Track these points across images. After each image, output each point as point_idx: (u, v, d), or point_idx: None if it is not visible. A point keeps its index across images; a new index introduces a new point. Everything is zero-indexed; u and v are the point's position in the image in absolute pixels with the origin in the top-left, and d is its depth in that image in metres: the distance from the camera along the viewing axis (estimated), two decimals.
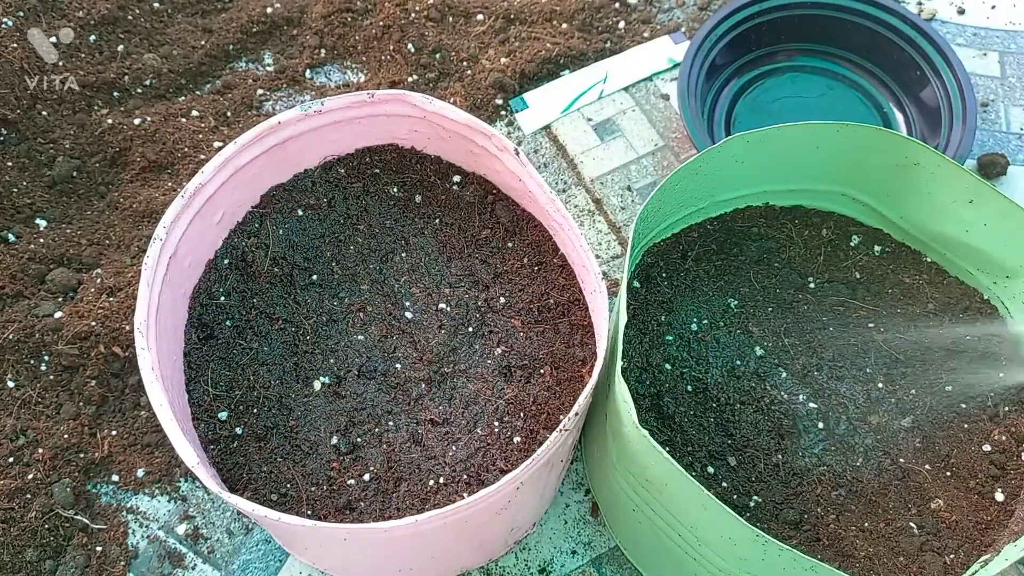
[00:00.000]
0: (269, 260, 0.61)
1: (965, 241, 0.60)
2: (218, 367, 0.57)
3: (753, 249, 0.66)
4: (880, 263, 0.65)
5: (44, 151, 0.76)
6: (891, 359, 0.62)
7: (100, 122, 0.77)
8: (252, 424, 0.56)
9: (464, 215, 0.64)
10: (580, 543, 0.64)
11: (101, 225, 0.74)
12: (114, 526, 0.63)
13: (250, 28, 0.85)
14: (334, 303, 0.61)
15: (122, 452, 0.65)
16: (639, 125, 0.83)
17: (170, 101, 0.81)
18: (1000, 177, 0.79)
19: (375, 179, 0.64)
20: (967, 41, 0.89)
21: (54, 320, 0.67)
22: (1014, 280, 0.59)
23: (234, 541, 0.63)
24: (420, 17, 0.85)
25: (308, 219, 0.63)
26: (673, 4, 0.91)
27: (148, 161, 0.76)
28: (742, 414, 0.60)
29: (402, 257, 0.63)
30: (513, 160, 0.58)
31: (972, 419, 0.60)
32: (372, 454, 0.56)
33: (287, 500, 0.54)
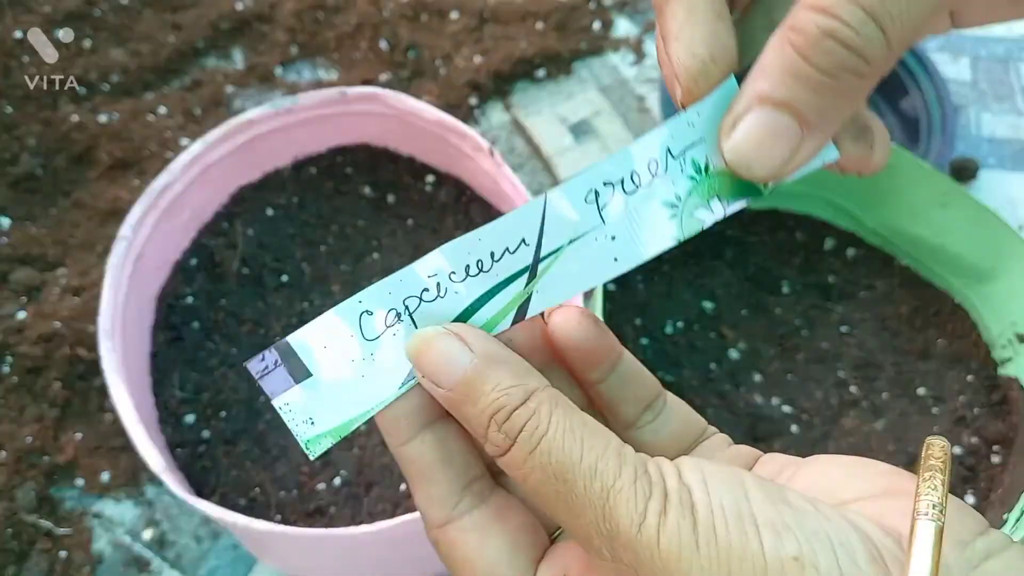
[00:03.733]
0: (238, 261, 0.60)
1: (938, 245, 0.61)
2: (185, 370, 0.56)
3: (728, 251, 0.66)
4: (853, 266, 0.66)
5: (8, 148, 0.74)
6: (864, 362, 0.62)
7: (66, 119, 0.76)
8: (220, 428, 0.55)
9: (438, 216, 0.63)
10: None
11: (66, 224, 0.72)
12: (79, 531, 0.62)
13: (220, 24, 0.84)
14: (304, 305, 0.60)
15: (87, 456, 0.64)
16: (614, 126, 0.83)
17: (137, 98, 0.79)
18: (971, 181, 0.80)
19: (347, 179, 0.64)
20: (939, 46, 0.90)
21: (17, 321, 0.66)
22: (986, 283, 0.60)
23: (201, 547, 0.62)
24: (394, 15, 0.84)
25: (278, 219, 0.62)
26: (649, 4, 0.91)
27: (114, 159, 0.74)
28: (717, 417, 0.60)
29: (374, 258, 0.62)
30: (488, 160, 0.58)
31: (943, 422, 0.60)
32: (343, 458, 0.55)
33: (256, 505, 0.53)
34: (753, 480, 0.21)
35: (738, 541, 0.20)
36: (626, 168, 0.24)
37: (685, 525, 0.20)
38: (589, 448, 0.21)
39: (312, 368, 0.24)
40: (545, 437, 0.21)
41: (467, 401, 0.22)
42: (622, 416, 0.27)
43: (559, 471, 0.21)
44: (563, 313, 0.25)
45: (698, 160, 0.24)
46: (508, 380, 0.22)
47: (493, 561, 0.23)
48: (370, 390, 0.24)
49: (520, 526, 0.24)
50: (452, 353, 0.22)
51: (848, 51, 0.20)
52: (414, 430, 0.24)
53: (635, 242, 0.24)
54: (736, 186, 0.24)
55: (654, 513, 0.20)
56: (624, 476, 0.21)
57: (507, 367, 0.22)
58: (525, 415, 0.21)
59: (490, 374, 0.22)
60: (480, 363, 0.22)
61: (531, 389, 0.22)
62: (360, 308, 0.24)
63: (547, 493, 0.21)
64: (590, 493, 0.21)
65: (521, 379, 0.22)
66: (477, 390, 0.22)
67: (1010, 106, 0.86)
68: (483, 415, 0.22)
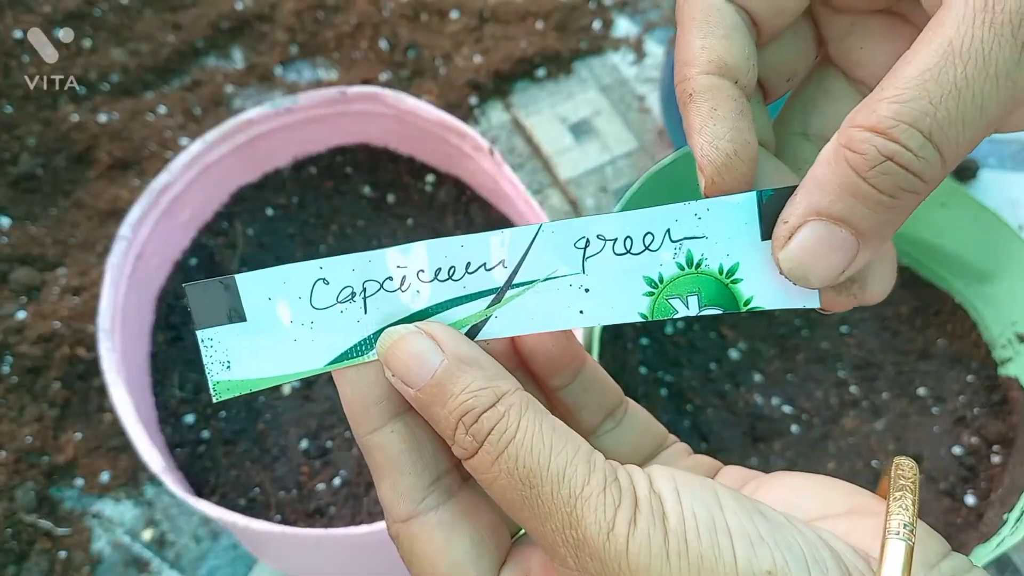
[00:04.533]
0: (238, 260, 0.60)
1: (938, 244, 0.61)
2: (185, 369, 0.56)
3: None
4: None
5: (8, 148, 0.74)
6: (864, 362, 0.62)
7: (65, 119, 0.76)
8: (220, 428, 0.55)
9: (437, 216, 0.63)
10: None
11: (66, 224, 0.72)
12: (78, 531, 0.62)
13: (220, 24, 0.84)
14: None
15: (86, 456, 0.64)
16: (614, 126, 0.83)
17: (137, 98, 0.79)
18: (971, 181, 0.80)
19: (347, 179, 0.64)
20: None
21: (17, 321, 0.66)
22: (985, 284, 0.60)
23: (201, 547, 0.62)
24: (394, 15, 0.84)
25: (278, 219, 0.62)
26: (649, 4, 0.90)
27: (114, 159, 0.74)
28: (717, 417, 0.60)
29: None
30: (488, 160, 0.58)
31: (943, 422, 0.60)
32: (343, 458, 0.55)
33: (255, 505, 0.53)
34: (727, 491, 0.21)
35: (710, 552, 0.20)
36: (623, 231, 0.24)
37: (656, 534, 0.20)
38: (558, 453, 0.21)
39: (248, 314, 0.24)
40: (513, 441, 0.21)
41: (436, 402, 0.22)
42: (583, 423, 0.27)
43: (526, 476, 0.21)
44: None
45: (693, 254, 0.24)
46: (478, 383, 0.22)
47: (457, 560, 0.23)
48: (297, 356, 0.24)
49: (487, 525, 0.24)
50: (423, 353, 0.22)
51: (907, 174, 0.20)
52: (384, 418, 0.23)
53: (605, 302, 0.24)
54: (718, 294, 0.25)
55: (623, 522, 0.20)
56: (593, 483, 0.20)
57: (478, 369, 0.22)
58: (494, 418, 0.21)
59: (460, 376, 0.22)
60: (451, 364, 0.22)
61: (501, 392, 0.22)
62: (318, 274, 0.24)
63: (513, 498, 0.21)
64: (557, 499, 0.20)
65: (492, 381, 0.22)
66: (446, 391, 0.21)
67: None
68: (451, 417, 0.21)
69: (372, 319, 0.24)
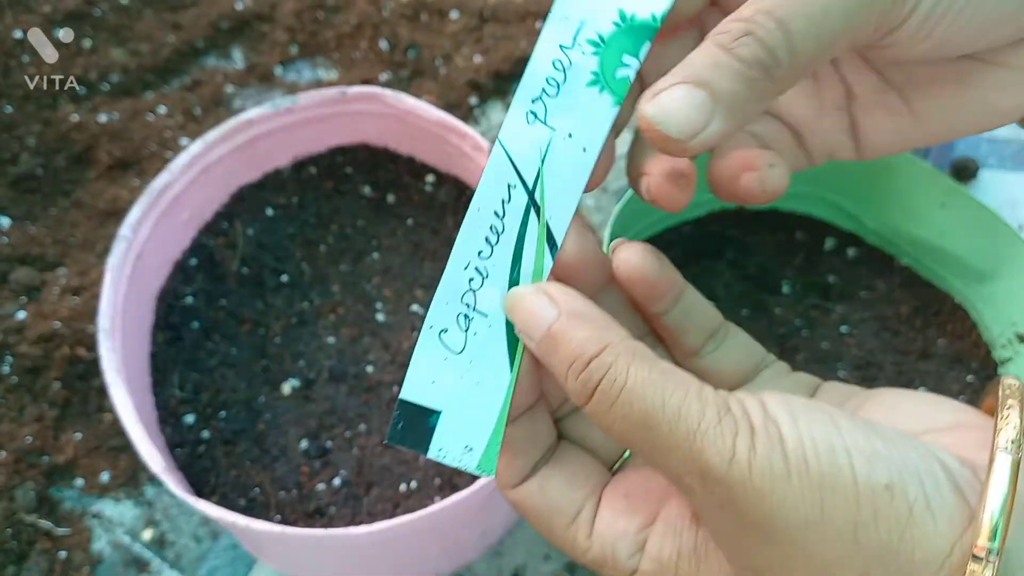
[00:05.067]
0: (238, 260, 0.60)
1: (938, 245, 0.61)
2: (185, 369, 0.56)
3: (728, 252, 0.66)
4: (854, 266, 0.66)
5: (7, 148, 0.74)
6: (864, 362, 0.62)
7: (65, 119, 0.76)
8: (219, 428, 0.55)
9: (438, 216, 0.63)
10: (553, 548, 0.64)
11: (66, 223, 0.72)
12: (78, 531, 0.62)
13: (219, 24, 0.84)
14: (304, 305, 0.60)
15: (86, 456, 0.64)
16: None
17: (137, 98, 0.79)
18: (971, 181, 0.80)
19: (347, 178, 0.64)
20: None
21: (17, 320, 0.66)
22: (986, 284, 0.60)
23: (201, 547, 0.62)
24: (394, 15, 0.84)
25: (278, 219, 0.62)
26: None
27: (114, 159, 0.74)
28: None
29: (374, 258, 0.62)
30: (487, 160, 0.58)
31: None
32: (343, 458, 0.55)
33: (255, 505, 0.53)
34: (839, 412, 0.22)
35: (830, 470, 0.21)
36: (539, 80, 0.26)
37: (776, 457, 0.21)
38: (670, 394, 0.22)
39: (435, 406, 0.26)
40: (624, 388, 0.22)
41: (550, 352, 0.24)
42: (685, 346, 0.29)
43: (642, 419, 0.22)
44: (627, 249, 0.27)
45: (591, 37, 0.26)
46: (586, 333, 0.23)
47: (553, 502, 0.26)
48: (491, 388, 0.26)
49: (579, 466, 0.27)
50: (540, 309, 0.24)
51: (762, 47, 0.23)
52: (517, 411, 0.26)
53: (588, 126, 0.26)
54: (633, 37, 0.26)
55: (743, 448, 0.21)
56: (708, 416, 0.22)
57: (587, 322, 0.24)
58: (602, 367, 0.23)
59: (571, 329, 0.24)
60: (563, 318, 0.24)
61: (607, 341, 0.23)
62: (435, 332, 0.27)
63: (633, 440, 0.23)
64: (676, 436, 0.22)
65: (599, 332, 0.23)
66: (558, 342, 0.24)
67: None
68: (563, 365, 0.24)
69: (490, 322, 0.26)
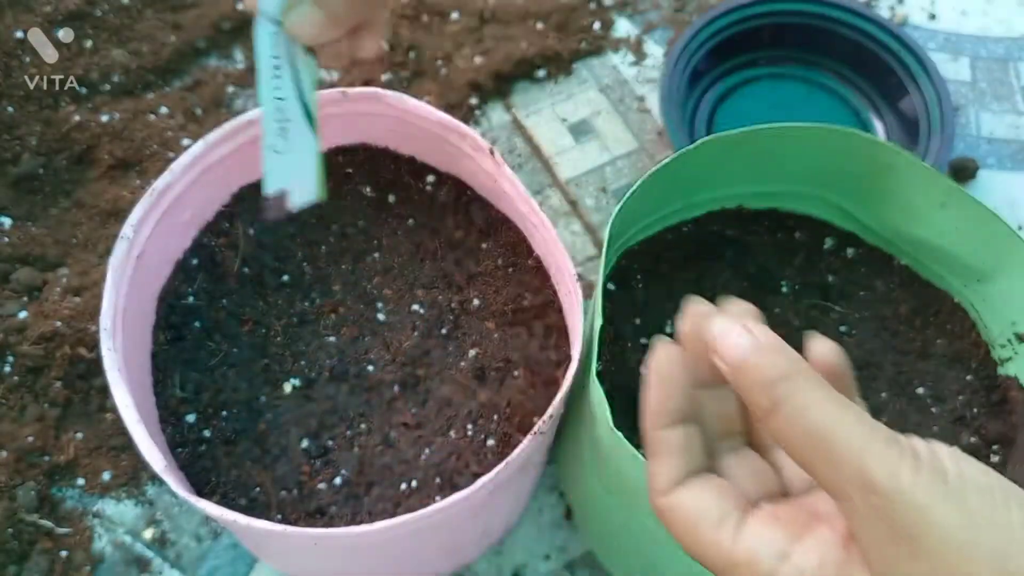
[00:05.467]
0: (239, 260, 0.60)
1: (937, 244, 0.61)
2: (186, 369, 0.56)
3: (727, 252, 0.66)
4: (853, 266, 0.66)
5: (9, 148, 0.74)
6: (863, 362, 0.62)
7: (67, 119, 0.76)
8: (220, 427, 0.55)
9: (438, 216, 0.63)
10: (554, 547, 0.64)
11: (67, 224, 0.72)
12: (79, 531, 0.62)
13: (221, 24, 0.84)
14: (305, 304, 0.60)
15: (88, 455, 0.64)
16: (614, 126, 0.83)
17: (138, 98, 0.79)
18: (971, 181, 0.80)
19: (348, 179, 0.64)
20: (938, 46, 0.90)
21: (18, 320, 0.66)
22: (985, 283, 0.60)
23: (202, 546, 0.62)
24: (394, 15, 0.84)
25: (279, 219, 0.62)
26: (649, 5, 0.91)
27: (115, 159, 0.74)
28: None
29: (375, 258, 0.62)
30: (488, 160, 0.58)
31: (942, 421, 0.60)
32: (343, 458, 0.55)
33: (256, 505, 0.53)
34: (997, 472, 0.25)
35: (987, 501, 0.23)
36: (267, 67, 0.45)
37: (937, 480, 0.24)
38: (844, 416, 0.26)
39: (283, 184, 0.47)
40: (804, 406, 0.26)
41: (744, 373, 0.28)
42: None
43: (817, 433, 0.26)
44: (824, 343, 0.32)
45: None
46: (777, 360, 0.27)
47: (703, 508, 0.29)
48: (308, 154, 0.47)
49: (727, 487, 0.30)
50: (737, 337, 0.28)
51: None
52: (674, 420, 0.30)
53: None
54: None
55: (908, 469, 0.24)
56: (879, 439, 0.25)
57: (778, 352, 0.28)
58: (789, 388, 0.27)
59: (764, 356, 0.28)
60: (758, 347, 0.28)
61: (793, 368, 0.27)
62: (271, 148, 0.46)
63: (805, 450, 0.26)
64: (846, 451, 0.25)
65: (787, 360, 0.28)
66: (752, 366, 0.28)
67: (1010, 106, 0.86)
68: (755, 386, 0.27)
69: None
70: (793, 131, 0.58)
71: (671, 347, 0.31)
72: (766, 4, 0.81)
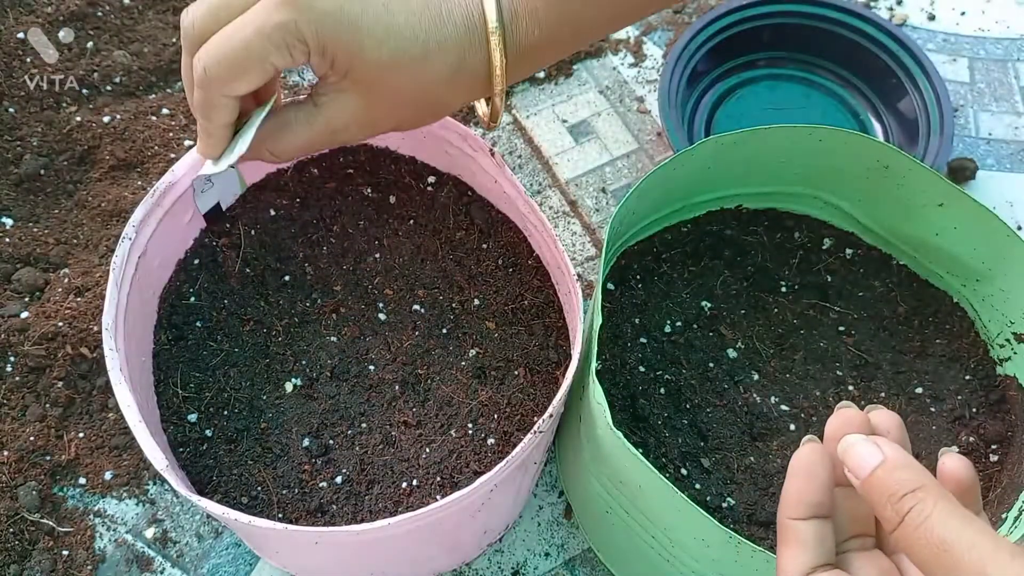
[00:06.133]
0: (240, 261, 0.60)
1: (935, 244, 0.61)
2: (188, 369, 0.57)
3: (726, 252, 0.66)
4: (851, 266, 0.66)
5: (11, 149, 0.74)
6: (861, 362, 0.63)
7: (68, 119, 0.76)
8: (222, 426, 0.55)
9: (439, 216, 0.63)
10: (553, 545, 0.64)
11: (69, 224, 0.73)
12: (81, 529, 0.62)
13: None
14: (307, 304, 0.60)
15: (89, 454, 0.64)
16: (614, 127, 0.83)
17: (140, 99, 0.80)
18: (969, 181, 0.80)
19: (349, 179, 0.64)
20: (937, 47, 0.90)
21: (20, 320, 0.66)
22: (983, 283, 0.60)
23: (203, 545, 0.62)
24: None
25: (281, 219, 0.62)
26: None
27: (117, 159, 0.75)
28: (715, 416, 0.60)
29: (376, 258, 0.62)
30: (488, 161, 0.58)
31: (941, 421, 0.60)
32: (345, 456, 0.55)
33: (258, 503, 0.53)
34: None
35: None
36: None
37: None
38: (968, 529, 0.28)
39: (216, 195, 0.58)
40: (929, 518, 0.28)
41: (874, 489, 0.30)
42: None
43: (941, 543, 0.28)
44: (957, 460, 0.33)
45: None
46: (905, 476, 0.30)
47: None
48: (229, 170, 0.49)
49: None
50: (868, 453, 0.31)
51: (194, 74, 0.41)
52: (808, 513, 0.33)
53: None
54: None
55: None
56: (1001, 552, 0.27)
57: (906, 468, 0.30)
58: (914, 501, 0.29)
59: (893, 472, 0.30)
60: (888, 463, 0.31)
61: (921, 483, 0.30)
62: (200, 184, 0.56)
63: (929, 563, 0.28)
64: (969, 560, 0.27)
65: (915, 476, 0.30)
66: (882, 481, 0.30)
67: (1008, 107, 0.86)
68: (883, 498, 0.30)
69: None
70: (792, 132, 0.59)
71: (816, 445, 0.33)
72: (765, 5, 0.82)
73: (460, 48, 0.41)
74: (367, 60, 0.40)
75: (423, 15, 0.40)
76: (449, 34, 0.40)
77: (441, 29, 0.40)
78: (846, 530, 0.34)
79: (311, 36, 0.40)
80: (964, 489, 0.32)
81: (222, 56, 0.40)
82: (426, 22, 0.40)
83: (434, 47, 0.41)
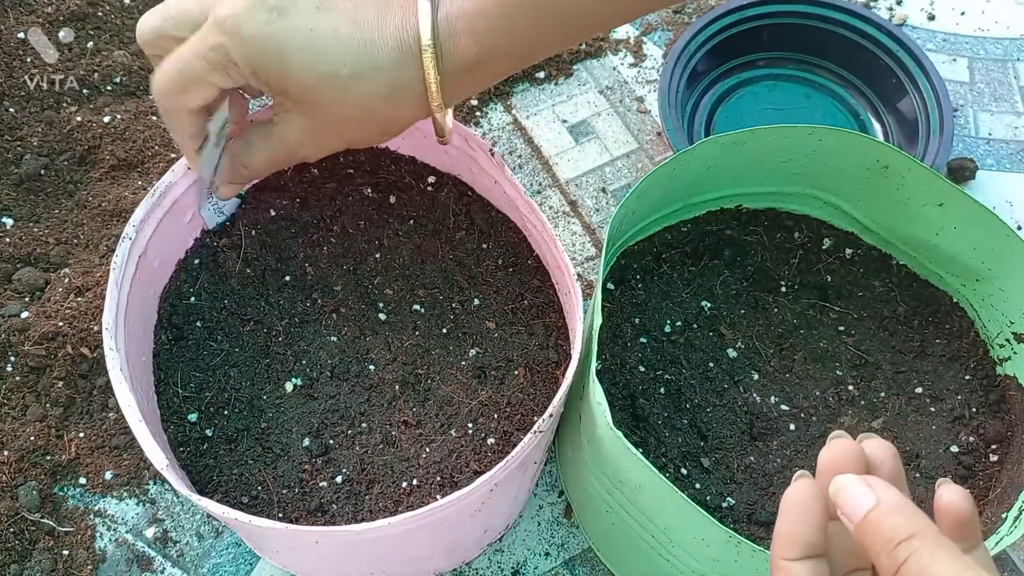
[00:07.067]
0: (241, 261, 0.60)
1: (935, 244, 0.61)
2: (188, 368, 0.57)
3: (726, 252, 0.66)
4: (851, 266, 0.66)
5: (11, 149, 0.74)
6: (861, 361, 0.63)
7: (69, 120, 0.76)
8: (222, 426, 0.55)
9: (439, 216, 0.63)
10: (553, 544, 0.64)
11: (69, 224, 0.73)
12: (81, 529, 0.62)
13: None
14: (307, 304, 0.60)
15: (90, 454, 0.64)
16: (614, 127, 0.83)
17: (140, 99, 0.80)
18: (969, 181, 0.81)
19: (349, 179, 0.64)
20: (937, 47, 0.90)
21: (20, 320, 0.66)
22: (983, 283, 0.60)
23: (204, 544, 0.63)
24: None
25: (281, 219, 0.62)
26: None
27: (117, 159, 0.75)
28: (715, 416, 0.60)
29: (376, 258, 0.62)
30: (488, 161, 0.58)
31: (941, 420, 0.60)
32: (345, 456, 0.55)
33: (258, 503, 0.53)
34: None
35: None
36: None
37: None
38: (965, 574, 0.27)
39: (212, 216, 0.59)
40: (927, 569, 0.27)
41: (867, 533, 0.29)
42: None
43: None
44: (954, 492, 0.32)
45: None
46: (899, 520, 0.29)
47: None
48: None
49: None
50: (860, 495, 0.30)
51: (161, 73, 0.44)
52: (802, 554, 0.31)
53: None
54: None
55: None
56: None
57: (900, 512, 0.29)
58: (909, 549, 0.28)
59: (886, 515, 0.29)
60: (880, 506, 0.29)
61: (916, 529, 0.28)
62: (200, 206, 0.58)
63: None
64: None
65: (910, 520, 0.29)
66: (875, 525, 0.29)
67: (1008, 106, 0.87)
68: (876, 544, 0.29)
69: None
70: (792, 132, 0.59)
71: (808, 481, 0.32)
72: (765, 5, 0.82)
73: (395, 67, 0.41)
74: (298, 83, 0.41)
75: (352, 39, 0.40)
76: (381, 55, 0.41)
77: (371, 50, 0.41)
78: (843, 565, 0.34)
79: (240, 59, 0.41)
80: (962, 522, 0.31)
81: (168, 74, 0.43)
82: (355, 45, 0.40)
83: (366, 68, 0.41)
